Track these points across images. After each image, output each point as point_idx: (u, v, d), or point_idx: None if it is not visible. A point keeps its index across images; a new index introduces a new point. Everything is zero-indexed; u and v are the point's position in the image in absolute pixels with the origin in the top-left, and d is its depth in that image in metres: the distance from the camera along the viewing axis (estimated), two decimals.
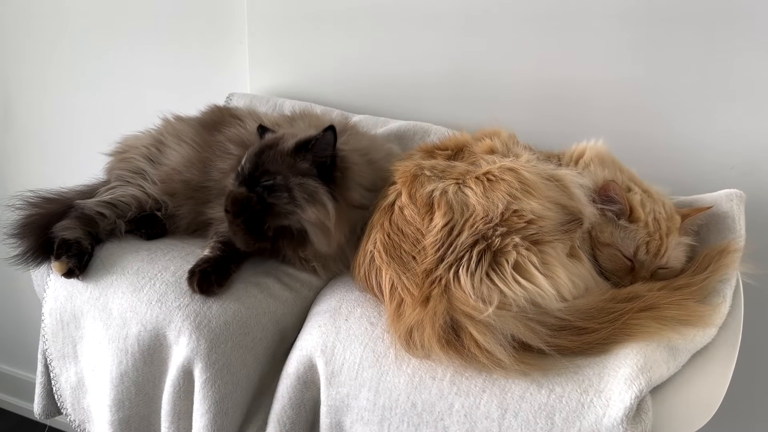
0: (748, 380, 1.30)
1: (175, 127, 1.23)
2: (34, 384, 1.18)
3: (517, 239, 0.92)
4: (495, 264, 0.91)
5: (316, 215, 1.00)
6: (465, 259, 0.91)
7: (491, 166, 1.01)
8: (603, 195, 1.05)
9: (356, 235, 1.07)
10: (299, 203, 1.00)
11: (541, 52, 1.34)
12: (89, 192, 1.18)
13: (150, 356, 1.01)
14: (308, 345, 0.96)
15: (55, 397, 1.16)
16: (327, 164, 1.02)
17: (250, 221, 1.01)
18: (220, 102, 1.49)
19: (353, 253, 1.07)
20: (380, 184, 1.09)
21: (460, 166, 1.04)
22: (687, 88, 1.26)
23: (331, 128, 1.00)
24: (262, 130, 1.12)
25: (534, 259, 0.91)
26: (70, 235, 1.06)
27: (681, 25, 1.23)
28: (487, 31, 1.36)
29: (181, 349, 0.97)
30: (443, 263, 0.92)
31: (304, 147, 1.02)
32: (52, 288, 1.09)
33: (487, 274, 0.90)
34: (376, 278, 0.99)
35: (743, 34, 1.20)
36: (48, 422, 2.27)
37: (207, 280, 0.99)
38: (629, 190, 1.08)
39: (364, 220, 1.07)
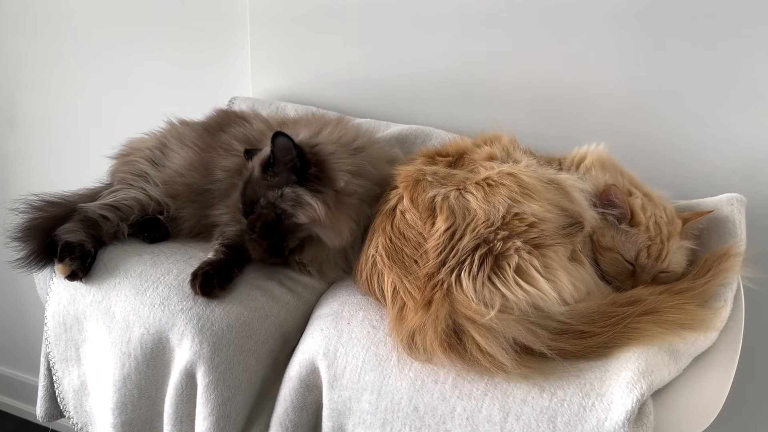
0: (749, 383, 1.30)
1: (178, 130, 1.24)
2: (37, 387, 1.18)
3: (518, 243, 0.93)
4: (497, 267, 0.91)
5: (306, 215, 1.01)
6: (467, 262, 0.92)
7: (490, 172, 1.01)
8: (604, 199, 1.05)
9: (360, 231, 1.07)
10: (289, 212, 1.02)
11: (542, 54, 1.35)
12: (92, 195, 1.18)
13: (153, 359, 1.01)
14: (310, 348, 0.96)
15: (58, 400, 1.16)
16: (298, 166, 1.03)
17: (275, 244, 1.04)
18: (223, 106, 1.49)
19: (355, 257, 1.08)
20: (372, 171, 1.10)
21: (460, 174, 1.05)
22: (688, 91, 1.26)
23: (278, 133, 1.01)
24: (249, 154, 1.12)
25: (536, 262, 0.92)
26: (74, 238, 1.07)
27: (683, 27, 1.23)
28: (489, 33, 1.37)
29: (183, 352, 0.97)
30: (445, 267, 0.92)
31: (267, 164, 1.04)
32: (55, 291, 1.09)
33: (489, 278, 0.90)
34: (378, 282, 1.00)
35: (745, 37, 1.20)
36: (50, 425, 2.26)
37: (209, 282, 1.00)
38: (630, 194, 1.08)
39: (363, 213, 1.07)
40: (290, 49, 1.55)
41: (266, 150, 1.06)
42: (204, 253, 1.07)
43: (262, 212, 1.03)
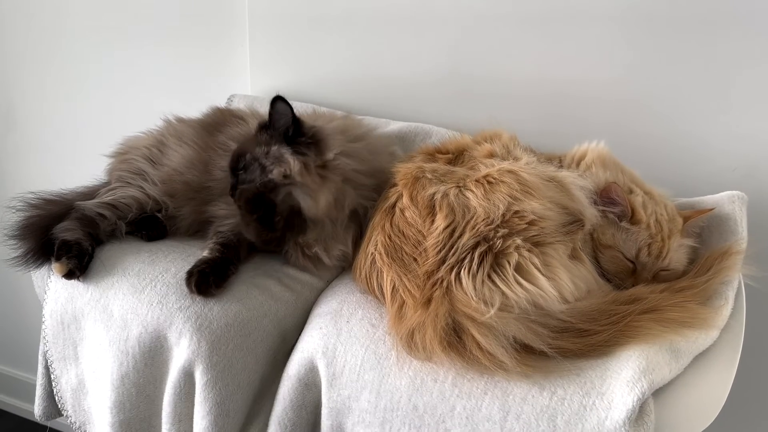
0: (750, 382, 1.30)
1: (176, 128, 1.23)
2: (35, 385, 1.17)
3: (518, 241, 0.92)
4: (496, 265, 0.91)
5: (279, 172, 1.02)
6: (466, 260, 0.91)
7: (490, 169, 1.01)
8: (604, 197, 1.05)
9: (345, 212, 1.08)
10: (268, 168, 1.03)
11: (541, 52, 1.34)
12: (90, 193, 1.18)
13: (151, 358, 1.01)
14: (309, 347, 0.96)
15: (56, 398, 1.16)
16: (290, 132, 1.04)
17: (263, 217, 1.03)
18: (222, 103, 1.49)
19: (350, 235, 1.08)
20: (368, 158, 1.10)
21: (459, 171, 1.04)
22: (689, 89, 1.26)
23: (277, 97, 1.04)
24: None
25: (536, 260, 0.91)
26: (71, 236, 1.06)
27: (683, 26, 1.23)
28: (488, 31, 1.36)
29: (182, 351, 0.97)
30: (445, 265, 0.92)
31: (265, 125, 1.07)
32: (53, 289, 1.09)
33: (489, 276, 0.90)
34: (377, 280, 0.99)
35: (746, 36, 1.19)
36: (48, 424, 2.26)
37: (205, 281, 0.99)
38: (631, 191, 1.07)
39: (348, 195, 1.07)
40: (289, 47, 1.54)
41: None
42: (201, 251, 1.07)
43: (242, 188, 1.04)
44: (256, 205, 1.03)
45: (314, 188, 1.03)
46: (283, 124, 1.05)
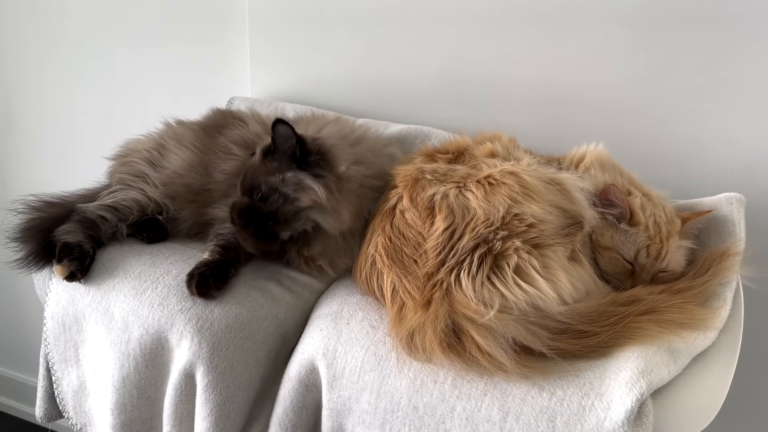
0: (749, 383, 1.30)
1: (176, 131, 1.24)
2: (36, 387, 1.18)
3: (518, 243, 0.93)
4: (496, 267, 0.91)
5: (309, 198, 1.01)
6: (466, 262, 0.91)
7: (492, 169, 1.01)
8: (603, 199, 1.05)
9: (362, 220, 1.08)
10: (291, 197, 1.01)
11: (540, 55, 1.35)
12: (91, 196, 1.18)
13: (152, 360, 1.01)
14: (310, 348, 0.96)
15: (57, 400, 1.16)
16: (297, 154, 1.03)
17: (259, 229, 1.02)
18: (222, 106, 1.49)
19: (358, 245, 1.08)
20: (372, 159, 1.10)
21: (461, 169, 1.05)
22: (687, 91, 1.26)
23: (278, 121, 1.02)
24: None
25: (535, 262, 0.92)
26: (72, 238, 1.06)
27: (682, 28, 1.23)
28: (488, 34, 1.37)
29: (183, 352, 0.97)
30: (444, 267, 0.92)
31: (269, 150, 1.05)
32: (54, 291, 1.09)
33: (489, 278, 0.90)
34: (377, 282, 0.99)
35: (744, 37, 1.20)
36: (50, 426, 2.26)
37: (205, 283, 1.00)
38: (629, 193, 1.08)
39: (365, 199, 1.07)
40: (289, 49, 1.54)
41: (267, 138, 1.06)
42: (202, 253, 1.07)
43: (235, 201, 1.03)
44: (250, 217, 1.02)
45: (338, 208, 1.02)
46: (289, 147, 1.02)
